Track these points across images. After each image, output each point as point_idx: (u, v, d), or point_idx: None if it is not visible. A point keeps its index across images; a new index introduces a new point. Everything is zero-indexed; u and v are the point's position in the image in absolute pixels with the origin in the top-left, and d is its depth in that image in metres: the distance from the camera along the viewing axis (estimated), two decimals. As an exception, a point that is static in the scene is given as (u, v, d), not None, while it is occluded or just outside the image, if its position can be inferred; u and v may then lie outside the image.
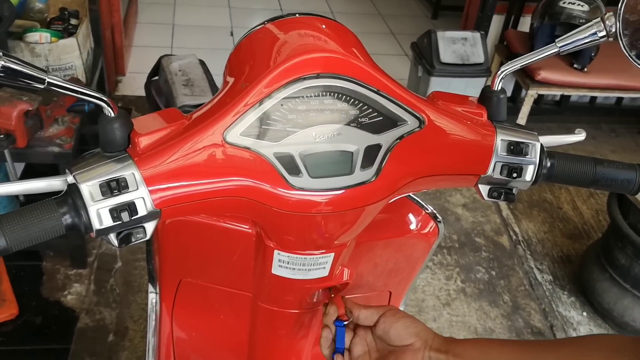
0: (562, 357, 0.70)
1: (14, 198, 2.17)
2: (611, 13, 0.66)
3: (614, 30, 0.66)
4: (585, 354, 0.69)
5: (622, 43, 0.66)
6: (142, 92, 1.58)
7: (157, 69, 1.49)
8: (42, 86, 0.55)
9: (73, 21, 2.35)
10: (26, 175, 2.43)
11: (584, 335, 0.78)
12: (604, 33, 0.66)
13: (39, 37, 2.18)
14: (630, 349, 0.66)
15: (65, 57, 2.22)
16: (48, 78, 0.56)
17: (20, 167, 2.40)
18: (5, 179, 2.10)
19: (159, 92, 1.47)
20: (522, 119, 3.13)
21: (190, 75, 1.45)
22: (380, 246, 0.86)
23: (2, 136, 1.81)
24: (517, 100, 3.46)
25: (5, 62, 0.52)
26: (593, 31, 0.67)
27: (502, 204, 2.89)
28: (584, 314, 2.39)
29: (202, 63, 1.54)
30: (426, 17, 4.87)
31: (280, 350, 0.92)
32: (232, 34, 4.13)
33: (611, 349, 0.68)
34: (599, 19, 0.66)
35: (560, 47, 0.69)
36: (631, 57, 0.66)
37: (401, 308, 1.03)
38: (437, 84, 3.01)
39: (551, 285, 2.50)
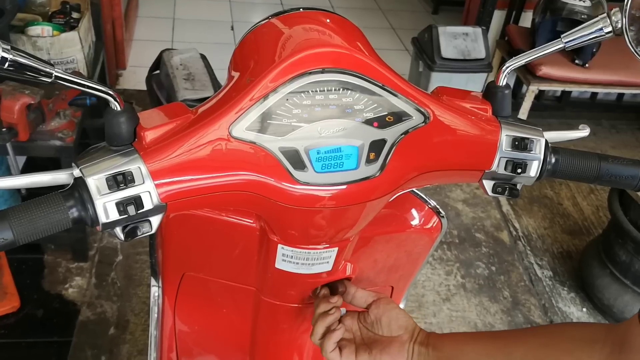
0: (532, 349, 0.70)
1: (15, 192, 2.17)
2: (617, 9, 0.65)
3: (619, 26, 0.66)
4: (555, 344, 0.68)
5: (628, 39, 0.66)
6: (142, 86, 1.58)
7: (158, 62, 1.49)
8: (49, 80, 0.55)
9: (74, 15, 2.35)
10: (27, 168, 2.43)
11: (556, 324, 0.79)
12: (609, 29, 0.66)
13: (41, 30, 2.19)
14: (602, 339, 0.65)
15: (67, 51, 2.23)
16: (55, 72, 0.56)
17: (21, 160, 2.40)
18: (7, 172, 2.10)
19: (160, 86, 1.47)
20: (523, 114, 3.13)
21: (192, 69, 1.45)
22: (383, 241, 0.86)
23: (4, 129, 1.81)
24: (518, 96, 3.46)
25: (13, 55, 0.52)
26: (599, 27, 0.67)
27: (503, 200, 2.89)
28: (584, 309, 2.39)
29: (203, 57, 1.54)
30: (427, 12, 4.86)
31: (282, 344, 0.92)
32: (232, 28, 4.12)
33: (582, 338, 0.67)
34: (604, 14, 0.66)
35: (565, 42, 0.69)
36: (637, 53, 0.66)
37: (402, 303, 1.03)
38: (438, 79, 3.01)
39: (551, 281, 2.51)
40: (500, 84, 0.73)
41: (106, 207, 0.59)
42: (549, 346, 0.69)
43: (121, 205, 0.59)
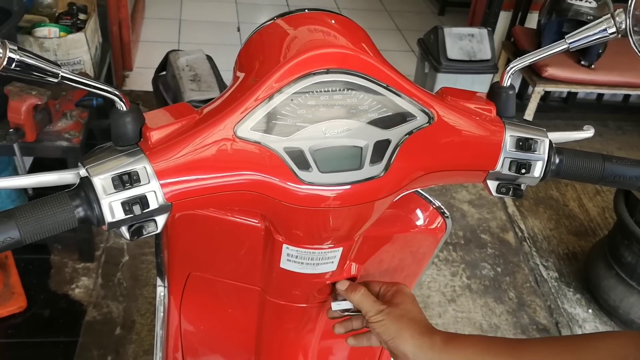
0: None
1: (22, 192, 2.18)
2: (621, 10, 0.65)
3: (623, 27, 0.66)
4: None
5: (632, 40, 0.66)
6: (149, 87, 1.59)
7: (165, 64, 1.50)
8: (56, 80, 0.56)
9: (81, 16, 2.36)
10: (34, 169, 2.44)
11: (580, 337, 0.71)
12: (613, 30, 0.66)
13: (48, 31, 2.20)
14: (633, 354, 0.62)
15: (74, 52, 2.24)
16: (62, 72, 0.56)
17: (28, 161, 2.42)
18: (14, 172, 2.11)
19: (166, 87, 1.47)
20: (528, 115, 3.13)
21: (198, 70, 1.45)
22: (388, 241, 0.86)
23: (11, 130, 1.82)
24: (523, 97, 3.46)
25: (20, 56, 0.53)
26: (603, 28, 0.67)
27: (508, 201, 2.89)
28: (590, 311, 2.39)
29: (209, 58, 1.54)
30: (433, 13, 4.86)
31: (287, 343, 0.93)
32: (238, 30, 4.13)
33: (613, 355, 0.64)
34: (608, 15, 0.66)
35: (569, 43, 0.69)
36: (641, 54, 0.67)
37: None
38: (444, 80, 3.01)
39: (557, 282, 2.50)
40: (505, 85, 0.73)
41: (112, 206, 0.59)
42: None
43: (127, 205, 0.59)
